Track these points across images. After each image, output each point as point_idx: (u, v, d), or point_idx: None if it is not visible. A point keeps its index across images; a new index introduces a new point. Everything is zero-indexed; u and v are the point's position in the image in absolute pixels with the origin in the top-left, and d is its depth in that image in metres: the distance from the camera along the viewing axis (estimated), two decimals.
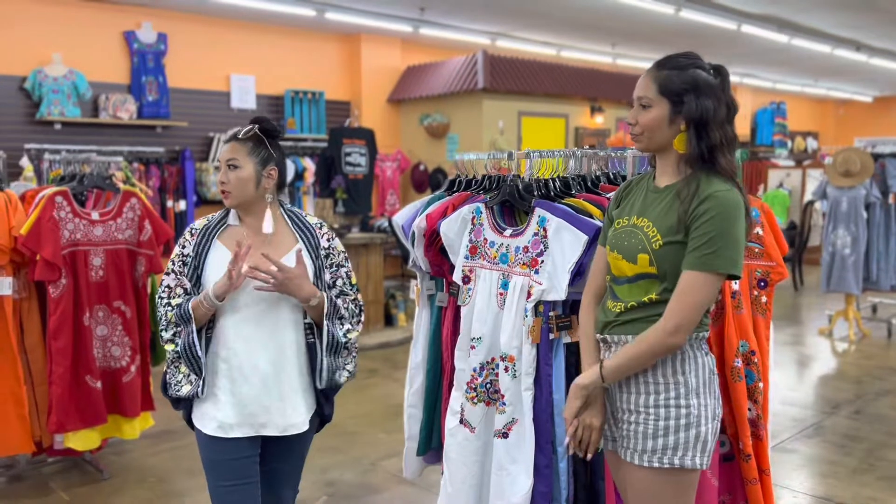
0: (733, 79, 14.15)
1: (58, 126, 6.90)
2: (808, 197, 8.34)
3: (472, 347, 2.37)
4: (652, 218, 1.82)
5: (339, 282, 2.30)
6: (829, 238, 6.68)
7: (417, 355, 2.82)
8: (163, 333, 2.18)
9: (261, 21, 8.08)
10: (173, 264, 2.20)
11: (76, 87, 6.88)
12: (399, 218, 2.81)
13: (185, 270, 2.18)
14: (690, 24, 8.40)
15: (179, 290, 2.17)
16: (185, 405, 2.21)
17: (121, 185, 3.78)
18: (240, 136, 2.20)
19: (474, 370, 2.37)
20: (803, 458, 4.00)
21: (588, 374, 1.87)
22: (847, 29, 9.24)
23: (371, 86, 9.09)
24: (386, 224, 6.63)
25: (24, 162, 6.44)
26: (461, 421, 2.42)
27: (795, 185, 11.58)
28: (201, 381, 2.14)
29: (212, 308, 2.11)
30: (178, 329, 2.15)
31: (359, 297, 2.34)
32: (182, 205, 7.45)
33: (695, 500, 2.30)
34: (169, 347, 2.18)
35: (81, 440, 3.56)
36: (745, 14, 8.27)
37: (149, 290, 3.82)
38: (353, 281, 2.34)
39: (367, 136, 8.23)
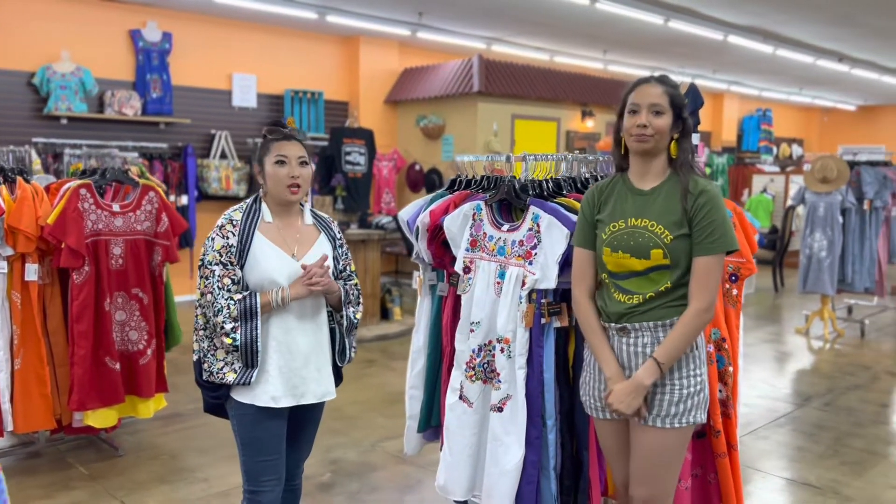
0: (721, 86, 14.35)
1: (64, 121, 7.11)
2: (789, 202, 8.66)
3: (472, 331, 2.63)
4: (653, 218, 2.14)
5: (349, 267, 2.59)
6: (806, 241, 6.99)
7: (419, 340, 3.07)
8: (224, 325, 2.26)
9: (263, 22, 8.31)
10: (220, 255, 2.31)
11: (83, 84, 7.09)
12: (404, 214, 3.06)
13: (233, 261, 2.32)
14: (679, 33, 8.70)
15: (227, 281, 2.29)
16: (225, 390, 2.37)
17: (139, 180, 4.01)
18: (300, 139, 2.43)
19: (473, 351, 2.63)
20: (774, 444, 4.28)
21: (649, 373, 2.10)
22: (829, 41, 9.56)
23: (369, 87, 9.33)
24: (384, 221, 6.87)
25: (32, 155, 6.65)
26: (460, 397, 2.67)
27: (779, 191, 11.93)
28: (255, 372, 2.30)
29: (282, 307, 2.34)
30: (237, 324, 2.27)
31: (357, 281, 2.62)
32: (184, 199, 7.68)
33: None
34: (227, 340, 2.27)
35: (100, 418, 3.79)
36: (731, 25, 8.57)
37: (164, 279, 4.05)
38: (353, 268, 2.64)
39: (367, 137, 8.48)
